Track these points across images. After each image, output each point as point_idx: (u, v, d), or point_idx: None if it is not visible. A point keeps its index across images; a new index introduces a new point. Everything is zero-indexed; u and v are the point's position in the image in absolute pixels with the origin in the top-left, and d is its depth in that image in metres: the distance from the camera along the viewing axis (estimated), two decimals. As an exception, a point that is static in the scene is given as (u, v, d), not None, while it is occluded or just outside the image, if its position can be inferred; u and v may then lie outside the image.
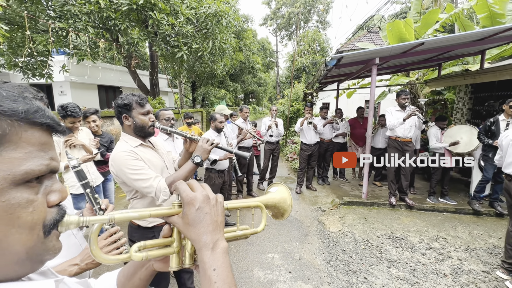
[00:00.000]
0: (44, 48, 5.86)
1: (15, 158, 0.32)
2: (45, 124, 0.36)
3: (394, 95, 10.58)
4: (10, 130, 0.32)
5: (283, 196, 0.73)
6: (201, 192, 0.50)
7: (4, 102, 0.32)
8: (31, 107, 0.34)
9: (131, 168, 1.44)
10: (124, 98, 1.51)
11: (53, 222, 0.37)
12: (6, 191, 0.31)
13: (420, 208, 4.20)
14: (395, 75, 8.37)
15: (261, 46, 28.69)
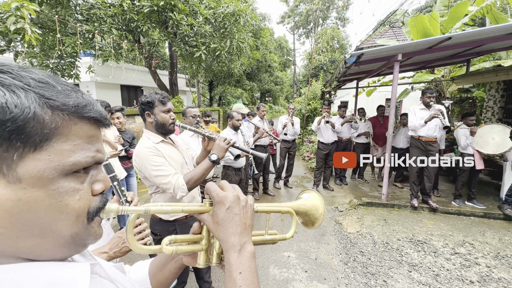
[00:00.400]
0: (72, 50, 6.20)
1: (65, 150, 0.33)
2: (93, 118, 0.37)
3: (417, 93, 10.13)
4: (61, 123, 0.33)
5: (315, 204, 0.71)
6: (232, 192, 0.51)
7: (58, 97, 0.33)
8: (81, 102, 0.36)
9: (153, 164, 1.49)
10: (148, 96, 1.57)
11: (96, 210, 0.39)
12: (56, 180, 0.33)
13: (445, 211, 4.00)
14: (418, 72, 8.01)
15: (278, 45, 28.53)
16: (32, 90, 0.32)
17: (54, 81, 0.35)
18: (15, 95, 0.30)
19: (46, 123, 0.32)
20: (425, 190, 4.08)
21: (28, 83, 0.32)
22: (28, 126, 0.30)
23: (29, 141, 0.31)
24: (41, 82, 0.33)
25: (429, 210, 4.05)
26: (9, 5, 3.64)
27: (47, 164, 0.32)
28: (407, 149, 5.07)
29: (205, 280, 2.15)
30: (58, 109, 0.33)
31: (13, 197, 0.30)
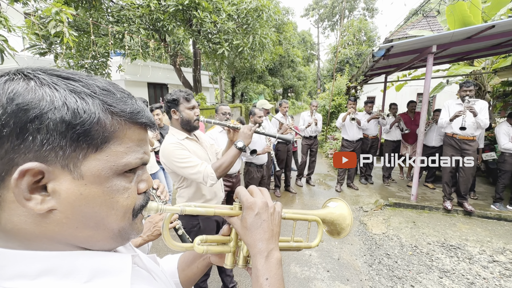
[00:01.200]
0: (104, 50, 6.57)
1: (119, 152, 0.37)
2: (144, 124, 0.41)
3: (453, 87, 9.42)
4: (118, 127, 0.37)
5: (343, 214, 0.70)
6: (261, 198, 0.53)
7: (118, 104, 0.37)
8: (136, 108, 0.39)
9: (179, 157, 1.54)
10: (173, 94, 1.62)
11: (140, 207, 0.43)
12: (110, 179, 0.37)
13: (482, 216, 3.70)
14: (455, 64, 7.40)
15: (301, 39, 27.94)
16: (97, 97, 0.35)
17: (114, 89, 0.39)
18: (85, 101, 0.34)
19: (107, 127, 0.36)
20: (460, 192, 3.79)
21: (94, 91, 0.36)
22: (93, 129, 0.34)
23: (92, 142, 0.34)
24: (104, 90, 0.37)
25: (464, 214, 3.76)
26: (50, 10, 3.93)
27: (105, 164, 0.36)
28: (439, 148, 4.75)
29: (227, 274, 2.20)
30: (117, 115, 0.37)
31: (76, 192, 0.34)
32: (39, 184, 0.33)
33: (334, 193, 4.91)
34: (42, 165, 0.32)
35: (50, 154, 0.32)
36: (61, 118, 0.32)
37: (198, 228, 1.75)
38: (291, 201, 4.54)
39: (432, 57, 3.78)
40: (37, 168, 0.31)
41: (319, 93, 17.40)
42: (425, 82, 3.85)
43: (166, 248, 3.04)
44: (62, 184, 0.33)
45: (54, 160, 0.32)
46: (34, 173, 0.31)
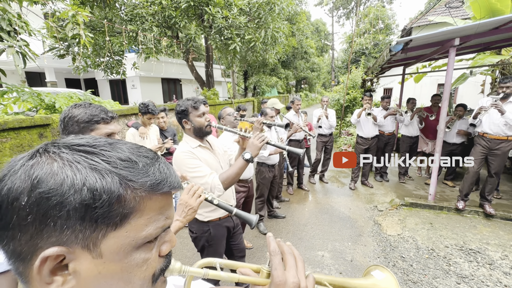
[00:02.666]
0: (119, 49, 6.69)
1: (140, 225, 0.36)
2: (167, 192, 0.40)
3: (477, 78, 8.86)
4: (138, 201, 0.36)
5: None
6: (293, 277, 0.47)
7: (138, 177, 0.36)
8: (157, 179, 0.38)
9: (189, 167, 1.58)
10: (181, 105, 1.65)
11: (160, 271, 0.41)
12: (129, 254, 0.36)
13: (506, 218, 3.53)
14: (480, 54, 6.95)
15: (315, 29, 27.15)
16: (117, 173, 0.35)
17: (137, 156, 0.38)
18: (105, 180, 0.33)
19: (127, 204, 0.35)
20: (485, 193, 3.61)
21: (115, 165, 0.35)
22: (112, 210, 0.34)
23: (111, 222, 0.34)
24: (126, 161, 0.36)
25: (485, 215, 3.60)
26: (67, 13, 4.04)
27: (124, 240, 0.35)
28: (461, 144, 4.54)
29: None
30: (136, 189, 0.36)
31: (95, 271, 0.34)
32: (62, 263, 0.33)
33: (347, 190, 4.84)
34: (63, 249, 0.32)
35: (71, 237, 0.32)
36: (80, 201, 0.32)
37: (209, 234, 1.79)
38: (304, 199, 4.53)
39: (454, 50, 3.57)
40: (58, 253, 0.32)
41: (334, 85, 16.97)
42: (446, 77, 3.65)
43: (181, 247, 3.13)
44: (82, 264, 0.34)
45: (74, 242, 0.33)
46: (56, 257, 0.32)
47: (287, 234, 3.42)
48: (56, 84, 10.99)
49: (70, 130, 1.01)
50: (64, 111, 1.02)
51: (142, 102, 2.94)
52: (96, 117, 1.02)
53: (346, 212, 4.00)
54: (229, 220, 1.93)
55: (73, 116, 1.00)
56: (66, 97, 4.37)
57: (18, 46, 3.59)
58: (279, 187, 4.30)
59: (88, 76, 13.28)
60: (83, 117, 1.00)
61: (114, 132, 1.09)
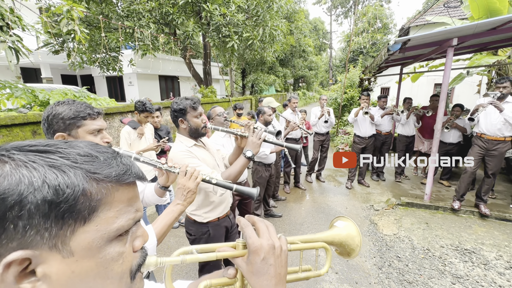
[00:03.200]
0: (115, 45, 6.61)
1: (109, 218, 0.36)
2: (132, 182, 0.40)
3: (474, 78, 8.91)
4: (105, 193, 0.35)
5: (351, 234, 0.68)
6: (267, 240, 0.50)
7: (102, 169, 0.36)
8: (121, 170, 0.38)
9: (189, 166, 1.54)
10: (179, 103, 1.60)
11: (138, 266, 0.41)
12: (102, 249, 0.35)
13: (500, 218, 3.55)
14: (477, 54, 6.98)
15: (313, 27, 27.11)
16: (79, 167, 0.34)
17: (97, 152, 0.37)
18: (66, 175, 0.32)
19: (93, 196, 0.34)
20: (481, 194, 3.63)
21: (75, 160, 0.34)
22: (79, 203, 0.32)
23: (79, 216, 0.33)
24: (86, 156, 0.36)
25: (481, 215, 3.62)
26: (61, 9, 3.96)
27: (95, 234, 0.34)
28: (457, 144, 4.56)
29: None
30: (102, 181, 0.35)
31: (68, 271, 0.33)
32: (27, 270, 0.31)
33: (344, 189, 4.85)
34: (28, 252, 0.30)
35: (35, 238, 0.30)
36: (42, 199, 0.30)
37: (208, 235, 1.77)
38: (301, 198, 4.52)
39: (452, 50, 3.57)
40: (22, 257, 0.30)
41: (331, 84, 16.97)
42: (444, 77, 3.65)
43: (176, 246, 3.12)
44: (52, 265, 0.32)
45: (40, 243, 0.31)
46: (20, 262, 0.30)
47: (283, 233, 3.41)
48: (52, 80, 10.85)
49: (55, 128, 0.97)
50: (47, 110, 0.99)
51: (139, 100, 2.88)
52: (82, 113, 0.99)
53: (342, 211, 4.00)
54: (227, 220, 1.91)
55: (57, 114, 0.96)
56: (61, 94, 4.30)
57: (11, 41, 3.51)
58: (276, 186, 4.29)
59: (85, 72, 13.13)
60: (68, 113, 0.97)
61: (102, 128, 1.06)
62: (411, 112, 4.85)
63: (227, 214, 1.90)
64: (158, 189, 1.21)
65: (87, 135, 1.00)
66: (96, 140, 1.03)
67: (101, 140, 1.05)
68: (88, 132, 1.00)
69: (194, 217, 1.75)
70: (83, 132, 0.99)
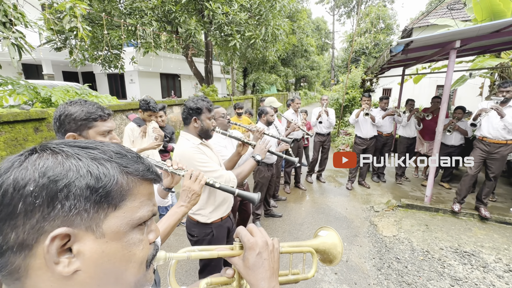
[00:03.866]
0: (117, 43, 6.61)
1: (134, 207, 0.40)
2: (153, 179, 0.45)
3: (476, 80, 8.87)
4: (133, 185, 0.41)
5: (334, 242, 0.73)
6: (261, 237, 0.56)
7: (131, 164, 0.41)
8: (146, 167, 0.44)
9: (201, 161, 1.55)
10: (196, 102, 1.62)
11: (152, 257, 0.45)
12: (127, 234, 0.40)
13: (500, 221, 3.55)
14: (479, 56, 6.95)
15: (315, 27, 27.04)
16: (114, 161, 0.39)
17: (126, 151, 0.43)
18: (104, 166, 0.38)
19: (124, 186, 0.39)
20: (481, 196, 3.63)
21: (111, 156, 0.40)
22: (113, 190, 0.38)
23: (112, 202, 0.38)
24: (118, 153, 0.41)
25: (481, 218, 3.62)
26: (64, 6, 3.96)
27: (123, 220, 0.39)
28: (459, 147, 4.55)
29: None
30: (131, 175, 0.41)
31: (99, 250, 0.37)
32: (65, 247, 0.35)
33: (344, 190, 4.85)
34: (69, 229, 0.34)
35: (76, 218, 0.35)
36: (86, 184, 0.35)
37: (211, 236, 1.78)
38: (301, 198, 4.53)
39: (455, 53, 3.56)
40: (65, 233, 0.34)
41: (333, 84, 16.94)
42: (446, 79, 3.65)
43: (176, 244, 3.13)
44: (86, 244, 0.36)
45: (79, 223, 0.35)
46: (62, 237, 0.34)
47: (283, 233, 3.42)
48: (53, 77, 10.86)
49: (66, 128, 0.99)
50: (58, 109, 1.00)
51: (143, 99, 2.88)
52: (94, 114, 1.01)
53: (342, 212, 4.01)
54: (229, 221, 1.92)
55: (69, 114, 0.98)
56: (62, 91, 4.31)
57: (14, 37, 3.52)
58: (276, 185, 4.30)
59: (86, 69, 13.13)
60: (80, 114, 0.98)
61: (111, 129, 1.07)
62: (412, 114, 4.84)
63: (229, 215, 1.91)
64: (162, 190, 1.22)
65: (97, 135, 1.02)
66: (105, 140, 1.04)
67: (110, 140, 1.06)
68: (99, 133, 1.02)
69: (197, 217, 1.75)
70: (94, 133, 1.01)
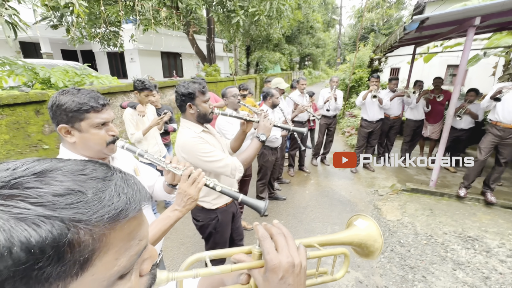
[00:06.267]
0: (115, 19, 6.33)
1: (107, 262, 0.30)
2: (135, 213, 0.33)
3: (490, 59, 8.47)
4: (98, 238, 0.29)
5: (372, 235, 0.64)
6: (287, 257, 0.47)
7: (91, 212, 0.28)
8: (118, 207, 0.30)
9: (204, 152, 1.50)
10: (187, 87, 1.52)
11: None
12: None
13: (506, 206, 3.53)
14: (496, 33, 6.57)
15: (322, 1, 25.68)
16: (58, 217, 0.26)
17: (81, 183, 0.29)
18: (42, 230, 0.25)
19: (83, 249, 0.27)
20: (489, 182, 3.58)
21: (52, 206, 0.26)
22: (65, 261, 0.26)
23: (69, 274, 0.27)
24: (67, 195, 0.28)
25: (486, 203, 3.61)
26: (57, -21, 3.74)
27: (92, 284, 0.29)
28: (468, 130, 4.43)
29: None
30: (93, 227, 0.28)
31: None
32: None
33: (349, 173, 4.84)
34: None
35: None
36: (15, 267, 0.23)
37: (216, 221, 1.78)
38: (305, 181, 4.53)
39: (473, 30, 3.34)
40: None
41: (339, 64, 16.40)
42: (462, 59, 3.45)
43: (182, 227, 3.18)
44: None
45: None
46: None
47: (287, 217, 3.46)
48: (52, 55, 10.62)
49: (58, 119, 0.92)
50: (51, 98, 0.93)
51: (138, 79, 2.78)
52: (85, 105, 0.92)
53: (346, 195, 4.02)
54: (233, 205, 1.92)
55: (60, 104, 0.91)
56: (62, 71, 4.20)
57: (8, 15, 3.36)
58: (280, 168, 4.28)
59: (85, 48, 12.79)
60: (70, 105, 0.91)
61: (108, 120, 1.00)
62: (422, 95, 4.67)
63: (233, 200, 1.89)
64: (166, 186, 1.18)
65: (90, 128, 0.95)
66: (101, 133, 0.97)
67: (107, 133, 1.00)
68: (92, 125, 0.95)
69: (202, 204, 1.74)
70: (86, 126, 0.94)
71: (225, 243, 1.94)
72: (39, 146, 3.28)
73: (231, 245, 2.15)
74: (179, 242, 2.89)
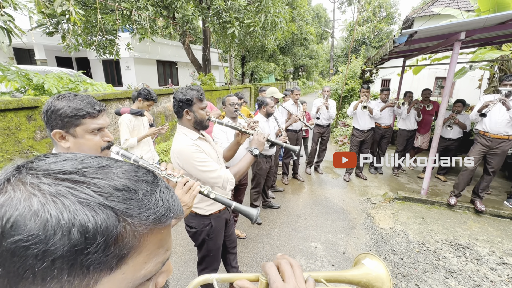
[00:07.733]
0: (112, 28, 6.38)
1: (138, 263, 0.31)
2: (170, 221, 0.35)
3: (476, 72, 8.81)
4: (138, 237, 0.30)
5: (381, 277, 0.62)
6: (293, 286, 0.46)
7: (140, 210, 0.30)
8: (161, 211, 0.32)
9: (198, 161, 1.51)
10: (185, 93, 1.54)
11: None
12: None
13: (494, 214, 3.61)
14: (480, 48, 6.87)
15: (315, 14, 26.45)
16: (114, 208, 0.28)
17: (135, 182, 0.32)
18: (99, 218, 0.27)
19: (125, 243, 0.29)
20: (478, 190, 3.66)
21: (111, 197, 0.29)
22: (109, 252, 0.28)
23: (106, 266, 0.28)
24: (123, 191, 0.30)
25: (476, 211, 3.68)
26: (54, -13, 3.78)
27: (119, 283, 0.30)
28: (457, 140, 4.55)
29: (233, 265, 2.25)
30: (138, 226, 0.30)
31: None
32: None
33: (342, 182, 4.87)
34: None
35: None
36: (69, 247, 0.25)
37: (210, 227, 1.77)
38: (299, 189, 4.54)
39: (459, 45, 3.49)
40: None
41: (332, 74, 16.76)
42: (449, 72, 3.59)
43: (174, 235, 3.13)
44: None
45: None
46: None
47: (281, 225, 3.44)
48: (46, 62, 10.55)
49: (53, 124, 0.92)
50: (46, 103, 0.93)
51: (145, 88, 2.83)
52: (81, 111, 0.93)
53: (340, 203, 4.04)
54: (227, 212, 1.91)
55: (56, 110, 0.91)
56: (55, 78, 4.17)
57: (3, 21, 3.36)
58: (274, 177, 4.29)
59: (80, 55, 12.77)
60: (66, 111, 0.91)
61: (103, 126, 1.00)
62: (411, 106, 4.81)
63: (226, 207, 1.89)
64: None
65: (86, 134, 0.95)
66: (96, 139, 0.98)
67: (102, 138, 1.00)
68: (87, 131, 0.95)
69: (196, 210, 1.74)
70: (82, 131, 0.94)
71: (218, 250, 1.92)
72: (30, 152, 3.22)
73: (224, 252, 2.13)
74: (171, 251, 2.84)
